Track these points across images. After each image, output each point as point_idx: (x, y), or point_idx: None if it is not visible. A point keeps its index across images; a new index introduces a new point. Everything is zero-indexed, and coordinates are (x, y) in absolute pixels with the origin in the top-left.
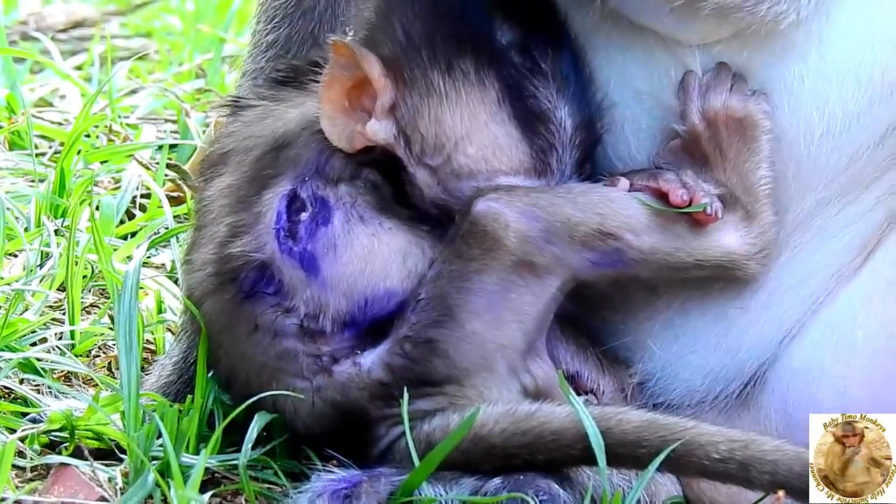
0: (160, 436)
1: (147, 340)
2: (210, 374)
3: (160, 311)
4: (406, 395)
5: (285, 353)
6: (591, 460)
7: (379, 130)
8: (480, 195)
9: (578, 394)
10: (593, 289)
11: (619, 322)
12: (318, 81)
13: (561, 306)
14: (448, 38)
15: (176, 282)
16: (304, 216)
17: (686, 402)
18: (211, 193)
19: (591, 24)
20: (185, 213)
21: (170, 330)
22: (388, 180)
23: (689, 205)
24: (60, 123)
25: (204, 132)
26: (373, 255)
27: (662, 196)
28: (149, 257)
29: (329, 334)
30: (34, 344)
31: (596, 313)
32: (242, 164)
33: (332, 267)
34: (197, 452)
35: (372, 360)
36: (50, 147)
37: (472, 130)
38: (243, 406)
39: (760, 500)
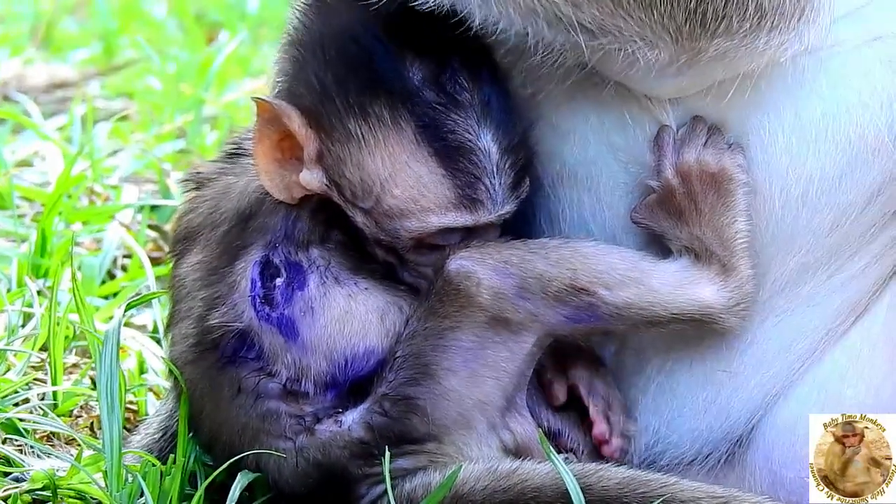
0: (142, 495)
1: (129, 401)
2: (191, 435)
3: (142, 372)
4: (388, 454)
5: (268, 413)
6: None
7: (311, 179)
8: (453, 254)
9: (559, 451)
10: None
11: None
12: None
13: (541, 362)
14: (360, 84)
15: (158, 342)
16: (278, 282)
17: (675, 465)
18: (183, 270)
19: (565, 80)
20: (167, 276)
21: (152, 390)
22: (352, 239)
23: (608, 442)
24: (41, 185)
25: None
26: (350, 315)
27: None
28: (131, 318)
29: (311, 395)
30: (17, 404)
31: None
32: (211, 240)
33: (310, 330)
34: None
35: (353, 418)
36: (31, 208)
37: (395, 172)
38: (226, 464)
39: None
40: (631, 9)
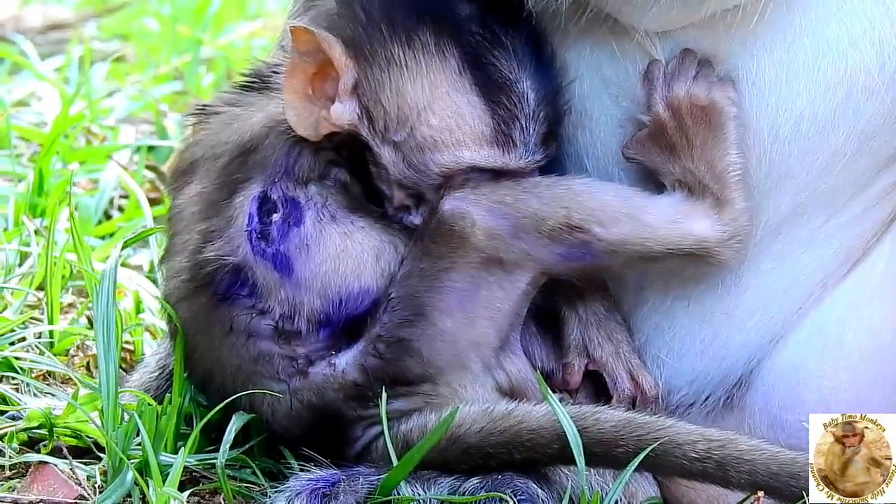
0: (139, 434)
1: (126, 341)
2: (186, 375)
3: (139, 312)
4: (384, 395)
5: (261, 355)
6: (568, 460)
7: (343, 112)
8: (447, 194)
9: (554, 392)
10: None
11: None
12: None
13: (535, 303)
14: (407, 11)
15: (154, 282)
16: (275, 217)
17: (674, 408)
18: (181, 202)
19: (558, 14)
20: (164, 214)
21: (148, 330)
22: (356, 178)
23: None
24: (38, 125)
25: (181, 134)
26: (346, 253)
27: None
28: (127, 258)
29: (304, 335)
30: (13, 343)
31: None
32: (211, 171)
33: (305, 267)
34: (175, 451)
35: (346, 360)
36: (28, 148)
37: (434, 100)
38: (220, 406)
39: (742, 502)
40: None
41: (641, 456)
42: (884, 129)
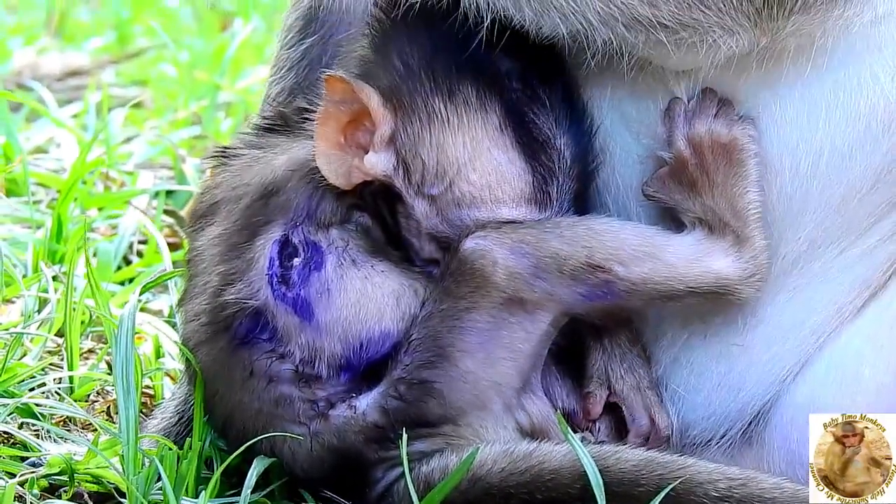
0: (159, 479)
1: (146, 385)
2: (206, 419)
3: (158, 357)
4: (405, 437)
5: (281, 398)
6: (590, 499)
7: (378, 163)
8: (468, 233)
9: (574, 432)
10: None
11: None
12: (305, 126)
13: (556, 343)
14: (448, 64)
15: (174, 327)
16: (296, 261)
17: (691, 443)
18: (201, 243)
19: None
20: (183, 258)
21: (168, 375)
22: (378, 222)
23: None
24: (56, 171)
25: (200, 178)
26: (366, 298)
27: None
28: (146, 303)
29: (325, 379)
30: (33, 389)
31: None
32: (232, 213)
33: (326, 312)
34: (196, 496)
35: (367, 403)
36: (47, 194)
37: (475, 156)
38: (241, 448)
39: None
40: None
41: (662, 495)
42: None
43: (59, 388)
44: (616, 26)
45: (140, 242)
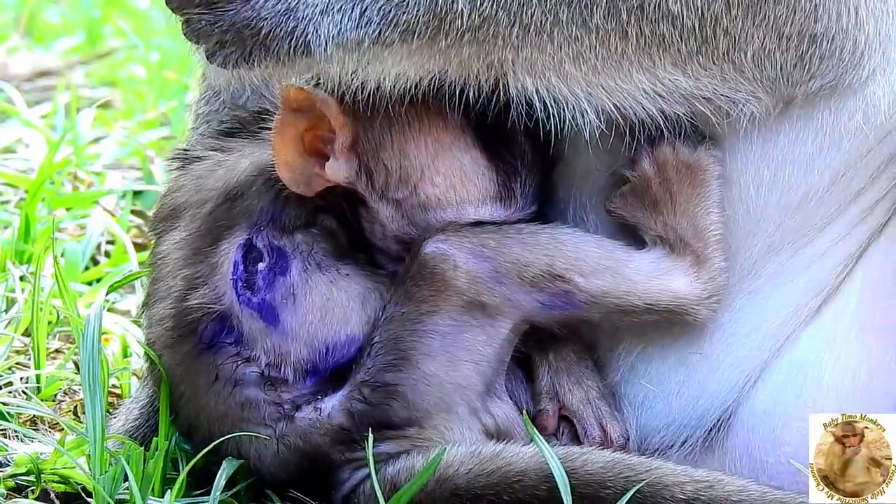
0: (126, 479)
1: (112, 385)
2: (172, 419)
3: (125, 356)
4: (370, 439)
5: (247, 401)
6: (556, 501)
7: (339, 169)
8: (429, 237)
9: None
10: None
11: None
12: (267, 129)
13: (519, 348)
14: None
15: (141, 327)
16: (261, 266)
17: (652, 451)
18: (165, 248)
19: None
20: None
21: (135, 374)
22: (342, 225)
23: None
24: (25, 171)
25: (167, 179)
26: (332, 302)
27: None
28: (114, 303)
29: (291, 383)
30: (0, 388)
31: None
32: (196, 218)
33: (291, 316)
34: (162, 495)
35: (332, 405)
36: (15, 194)
37: (438, 158)
38: (207, 448)
39: None
40: (746, 72)
41: (628, 496)
42: (858, 164)
43: (26, 388)
44: (661, 102)
45: (108, 243)
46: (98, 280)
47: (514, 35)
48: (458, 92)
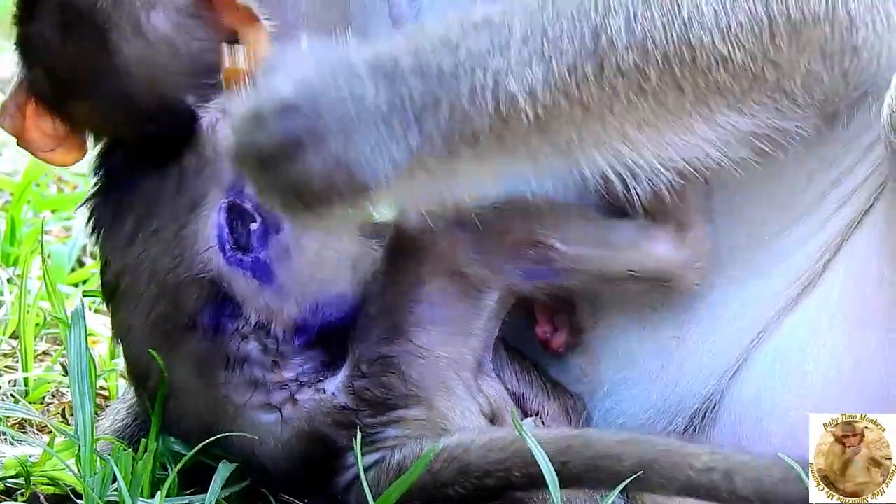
0: (115, 480)
1: (100, 387)
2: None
3: (113, 358)
4: (359, 438)
5: (250, 382)
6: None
7: None
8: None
9: (525, 415)
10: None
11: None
12: None
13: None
14: None
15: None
16: (253, 226)
17: None
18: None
19: None
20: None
21: (122, 376)
22: None
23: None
24: (10, 174)
25: None
26: (324, 259)
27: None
28: (101, 304)
29: (288, 355)
30: None
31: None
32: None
33: (284, 272)
34: (152, 496)
35: (335, 384)
36: (0, 197)
37: None
38: (199, 447)
39: None
40: (798, 99)
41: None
42: (839, 153)
43: (14, 391)
44: (725, 147)
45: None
46: (84, 282)
47: (576, 115)
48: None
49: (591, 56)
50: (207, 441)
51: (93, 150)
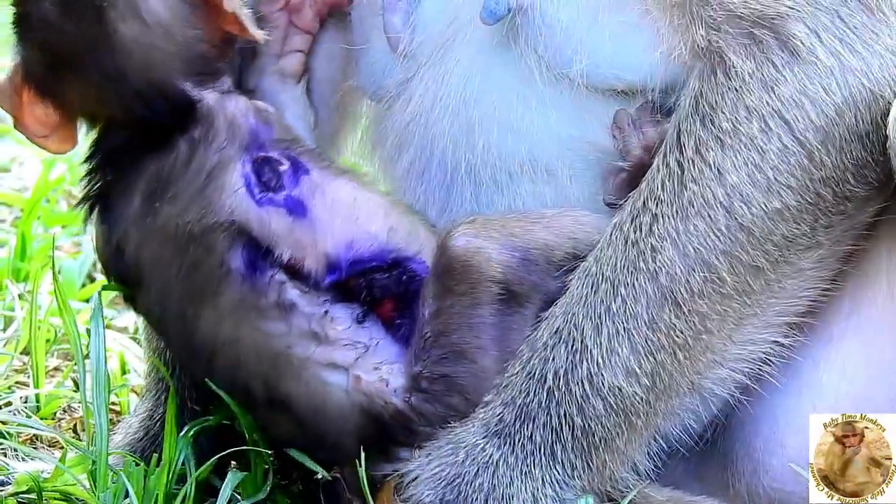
0: (127, 495)
1: (112, 402)
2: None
3: (124, 373)
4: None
5: (308, 334)
6: None
7: None
8: (454, 230)
9: None
10: None
11: None
12: None
13: None
14: None
15: (139, 343)
16: (282, 168)
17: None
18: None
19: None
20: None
21: (134, 391)
22: None
23: None
24: (20, 190)
25: None
26: (357, 201)
27: None
28: (111, 319)
29: (312, 280)
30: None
31: None
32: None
33: (318, 207)
34: None
35: (398, 385)
36: (10, 213)
37: None
38: (215, 459)
39: None
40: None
41: None
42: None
43: (26, 407)
44: (814, 293)
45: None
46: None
47: (684, 360)
48: None
49: (662, 300)
50: (221, 454)
51: (85, 138)
